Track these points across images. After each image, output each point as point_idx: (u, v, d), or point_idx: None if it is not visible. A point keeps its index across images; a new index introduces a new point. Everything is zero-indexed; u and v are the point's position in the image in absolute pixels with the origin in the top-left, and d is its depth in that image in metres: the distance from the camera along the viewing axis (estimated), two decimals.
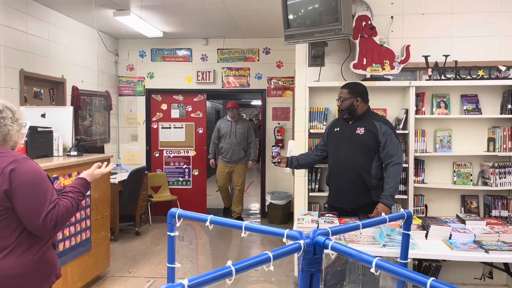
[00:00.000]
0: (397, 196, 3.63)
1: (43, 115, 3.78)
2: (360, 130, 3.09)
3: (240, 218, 6.43)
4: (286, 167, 3.40)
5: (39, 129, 3.47)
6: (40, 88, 4.90)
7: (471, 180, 3.69)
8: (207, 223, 1.53)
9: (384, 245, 2.50)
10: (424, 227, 2.76)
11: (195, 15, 5.34)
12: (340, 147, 3.18)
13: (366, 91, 3.18)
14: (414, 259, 3.32)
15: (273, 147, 3.43)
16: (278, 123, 6.70)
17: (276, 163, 3.35)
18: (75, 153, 3.69)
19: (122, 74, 6.89)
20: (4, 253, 1.71)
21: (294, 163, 3.39)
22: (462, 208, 3.74)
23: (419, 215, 3.60)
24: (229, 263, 1.05)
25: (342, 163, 3.15)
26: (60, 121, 3.80)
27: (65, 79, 5.27)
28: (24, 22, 4.53)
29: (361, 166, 3.07)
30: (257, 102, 13.48)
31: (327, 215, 3.02)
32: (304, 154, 3.49)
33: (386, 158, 3.03)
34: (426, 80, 3.65)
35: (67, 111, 3.99)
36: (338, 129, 3.23)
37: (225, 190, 6.59)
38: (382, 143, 3.03)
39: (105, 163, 2.25)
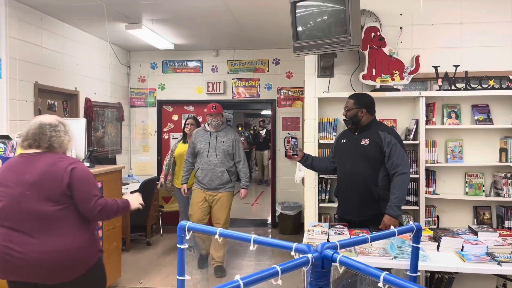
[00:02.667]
0: (408, 207, 3.61)
1: None
2: (365, 141, 3.09)
3: (221, 267, 4.54)
4: (300, 161, 3.37)
5: None
6: (54, 100, 4.99)
7: (484, 191, 3.65)
8: (216, 236, 1.55)
9: (395, 257, 2.48)
10: (436, 238, 2.74)
11: (206, 27, 5.41)
12: (346, 158, 3.17)
13: (373, 103, 3.18)
14: (426, 271, 3.29)
15: (293, 139, 3.40)
16: (288, 133, 6.71)
17: (293, 155, 3.32)
18: (88, 164, 3.74)
19: (134, 85, 6.99)
20: (67, 231, 2.18)
21: (308, 161, 3.35)
22: (475, 219, 3.69)
23: (430, 227, 3.56)
24: (237, 277, 1.06)
25: (348, 174, 3.14)
26: (73, 132, 3.86)
27: (78, 91, 5.37)
28: (39, 36, 4.64)
29: (367, 177, 3.06)
30: (267, 112, 13.50)
31: (337, 226, 3.01)
32: (320, 157, 3.47)
33: (391, 168, 3.01)
34: (436, 90, 3.63)
35: (80, 123, 4.05)
36: (344, 141, 3.24)
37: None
38: (387, 153, 3.02)
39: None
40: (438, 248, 2.67)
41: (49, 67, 4.80)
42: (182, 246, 1.64)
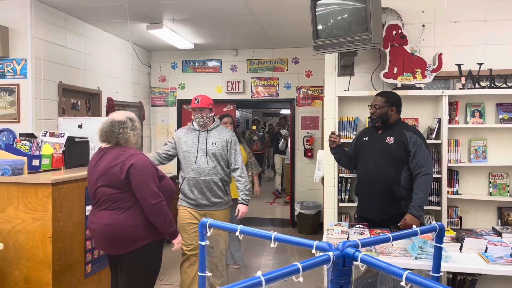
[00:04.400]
0: (430, 208, 3.56)
1: (80, 126, 3.94)
2: (390, 140, 3.06)
3: None
4: (334, 148, 3.23)
5: (76, 139, 3.61)
6: (77, 99, 5.10)
7: (508, 191, 3.57)
8: (237, 233, 1.56)
9: (416, 258, 2.45)
10: (459, 239, 2.69)
11: (225, 27, 5.44)
12: (368, 156, 3.14)
13: (400, 102, 3.15)
14: (448, 273, 3.23)
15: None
16: (307, 132, 6.69)
17: (331, 141, 3.20)
18: None
19: (154, 85, 7.08)
20: (125, 209, 2.56)
21: (339, 152, 3.25)
22: (499, 220, 3.62)
23: (453, 227, 3.50)
24: (259, 273, 1.07)
25: (370, 172, 3.11)
26: (96, 131, 3.94)
27: (100, 90, 5.47)
28: (63, 37, 4.74)
29: (390, 175, 3.03)
30: (286, 111, 13.28)
31: (358, 226, 2.98)
32: (348, 154, 3.36)
33: (415, 168, 2.98)
34: (460, 89, 3.57)
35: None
36: (367, 139, 3.20)
37: (195, 262, 3.54)
38: (412, 153, 2.99)
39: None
40: (461, 249, 2.63)
41: (72, 67, 4.90)
42: (203, 243, 1.66)
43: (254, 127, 10.59)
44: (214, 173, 3.44)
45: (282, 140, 8.95)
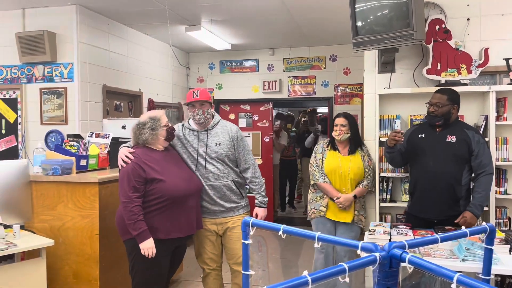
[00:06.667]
0: None
1: (123, 127, 4.06)
2: (451, 138, 2.96)
3: None
4: (391, 148, 3.10)
5: (120, 140, 3.73)
6: (120, 101, 5.27)
7: None
8: (280, 232, 1.56)
9: (463, 260, 2.38)
10: (508, 241, 2.58)
11: (262, 26, 5.46)
12: (428, 155, 3.02)
13: (460, 99, 3.05)
14: (496, 275, 3.10)
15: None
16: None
17: (395, 140, 3.01)
18: None
19: (193, 86, 7.20)
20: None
21: (395, 151, 3.14)
22: None
23: (501, 228, 3.36)
24: (305, 273, 1.07)
25: (431, 171, 2.99)
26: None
27: (142, 92, 5.62)
28: (106, 41, 4.91)
29: (452, 175, 2.94)
30: (323, 110, 13.18)
31: (400, 226, 2.92)
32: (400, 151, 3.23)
33: (478, 168, 2.90)
34: (508, 84, 3.42)
35: None
36: (423, 136, 3.08)
37: (217, 275, 3.19)
38: (476, 152, 2.90)
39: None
40: (510, 251, 2.52)
41: (115, 70, 5.07)
42: (246, 242, 1.67)
43: (289, 126, 8.00)
44: (225, 175, 2.96)
45: (312, 135, 6.98)
